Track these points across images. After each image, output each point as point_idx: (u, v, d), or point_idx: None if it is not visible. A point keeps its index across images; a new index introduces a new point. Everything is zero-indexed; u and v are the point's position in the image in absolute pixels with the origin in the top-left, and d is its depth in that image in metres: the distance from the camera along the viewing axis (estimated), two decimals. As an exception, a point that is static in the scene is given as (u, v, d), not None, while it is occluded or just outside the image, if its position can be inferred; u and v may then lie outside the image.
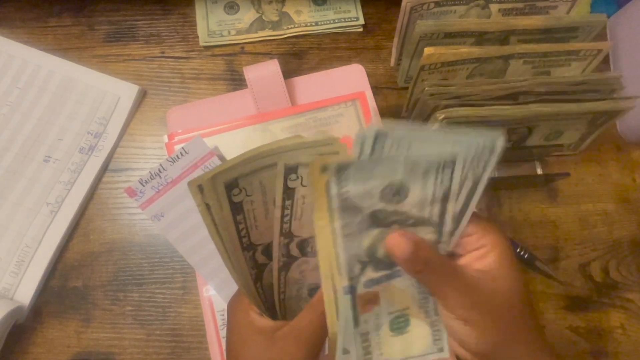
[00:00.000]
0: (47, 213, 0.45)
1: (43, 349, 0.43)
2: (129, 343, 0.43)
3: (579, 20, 0.42)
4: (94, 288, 0.44)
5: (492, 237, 0.27)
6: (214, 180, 0.25)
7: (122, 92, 0.49)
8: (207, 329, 0.42)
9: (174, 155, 0.44)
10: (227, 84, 0.51)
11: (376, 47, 0.52)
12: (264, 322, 0.31)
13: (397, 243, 0.25)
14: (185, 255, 0.43)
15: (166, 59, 0.51)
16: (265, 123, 0.47)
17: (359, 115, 0.47)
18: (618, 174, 0.49)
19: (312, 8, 0.53)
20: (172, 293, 0.44)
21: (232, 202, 0.26)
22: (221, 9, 0.53)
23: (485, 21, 0.42)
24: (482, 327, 0.26)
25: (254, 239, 0.29)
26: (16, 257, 0.43)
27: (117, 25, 0.52)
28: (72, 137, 0.47)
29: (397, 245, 0.25)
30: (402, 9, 0.43)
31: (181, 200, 0.43)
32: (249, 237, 0.28)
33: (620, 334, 0.45)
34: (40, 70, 0.49)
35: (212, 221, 0.26)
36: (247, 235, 0.28)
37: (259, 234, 0.29)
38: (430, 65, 0.41)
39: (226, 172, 0.25)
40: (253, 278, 0.29)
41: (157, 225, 0.43)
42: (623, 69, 0.51)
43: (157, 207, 0.43)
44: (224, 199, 0.26)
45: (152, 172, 0.43)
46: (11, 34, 0.51)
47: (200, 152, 0.44)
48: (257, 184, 0.27)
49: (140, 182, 0.43)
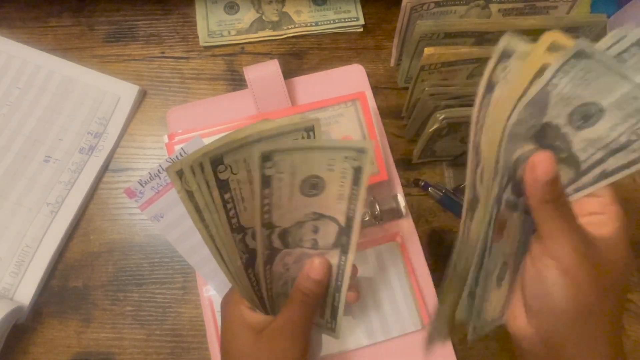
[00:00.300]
0: (47, 213, 0.45)
1: (43, 349, 0.43)
2: (129, 343, 0.43)
3: (579, 20, 0.42)
4: (94, 288, 0.44)
5: (617, 208, 0.26)
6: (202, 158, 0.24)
7: (122, 92, 0.49)
8: (207, 329, 0.42)
9: (174, 156, 0.44)
10: (227, 84, 0.51)
11: (376, 47, 0.52)
12: (254, 317, 0.31)
13: (542, 161, 0.23)
14: (185, 256, 0.43)
15: (166, 59, 0.51)
16: (265, 123, 0.46)
17: (359, 116, 0.47)
18: (618, 174, 0.49)
19: (312, 8, 0.53)
20: (172, 293, 0.44)
21: (218, 179, 0.26)
22: (221, 9, 0.53)
23: (485, 21, 0.42)
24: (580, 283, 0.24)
25: (243, 222, 0.28)
26: (16, 257, 0.43)
27: (117, 25, 0.52)
28: (72, 137, 0.47)
29: (542, 163, 0.23)
30: (402, 9, 0.43)
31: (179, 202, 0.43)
32: (238, 219, 0.28)
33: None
34: (40, 70, 0.49)
35: (195, 207, 0.26)
36: (236, 216, 0.28)
37: (247, 216, 0.28)
38: (430, 65, 0.41)
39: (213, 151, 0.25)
40: (244, 263, 0.29)
41: (156, 225, 0.43)
42: (623, 69, 0.51)
43: (157, 208, 0.43)
44: (211, 177, 0.25)
45: (151, 172, 0.43)
46: (11, 34, 0.51)
47: None
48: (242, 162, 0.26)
49: (140, 182, 0.43)
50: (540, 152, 0.23)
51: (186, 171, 0.25)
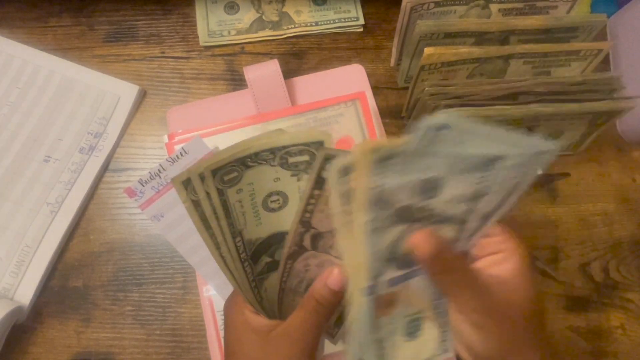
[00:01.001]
0: (47, 213, 0.45)
1: (43, 349, 0.43)
2: (129, 343, 0.43)
3: (579, 20, 0.42)
4: (94, 288, 0.44)
5: (512, 243, 0.27)
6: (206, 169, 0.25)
7: (122, 92, 0.49)
8: (207, 329, 0.42)
9: (174, 156, 0.44)
10: (227, 84, 0.51)
11: (376, 47, 0.52)
12: (258, 320, 0.31)
13: (420, 242, 0.25)
14: (185, 256, 0.43)
15: (166, 59, 0.51)
16: (265, 123, 0.47)
17: (359, 115, 0.47)
18: (618, 174, 0.49)
19: (312, 8, 0.53)
20: (172, 293, 0.44)
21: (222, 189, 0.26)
22: (221, 9, 0.53)
23: (485, 21, 0.42)
24: (491, 333, 0.26)
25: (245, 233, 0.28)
26: (16, 257, 0.43)
27: (117, 25, 0.52)
28: (72, 137, 0.47)
29: (420, 244, 0.24)
30: (402, 9, 0.43)
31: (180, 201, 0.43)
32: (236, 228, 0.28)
33: (620, 334, 0.45)
34: (40, 70, 0.49)
35: (200, 216, 0.26)
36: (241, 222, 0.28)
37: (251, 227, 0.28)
38: (430, 65, 0.41)
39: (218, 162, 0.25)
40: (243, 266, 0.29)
41: (156, 225, 0.43)
42: (623, 69, 0.51)
43: (157, 208, 0.43)
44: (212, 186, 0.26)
45: (151, 172, 0.43)
46: (11, 34, 0.51)
47: (200, 152, 0.44)
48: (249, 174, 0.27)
49: (140, 182, 0.43)
50: (416, 234, 0.24)
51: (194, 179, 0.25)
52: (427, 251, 0.24)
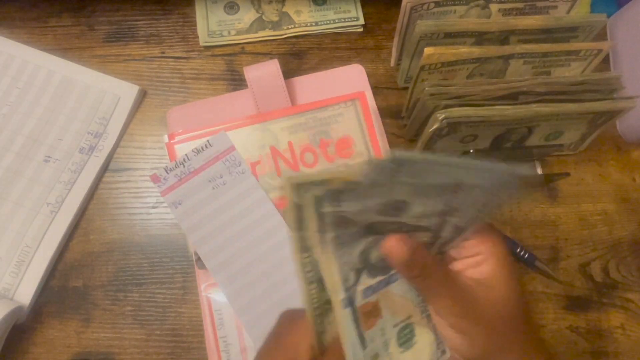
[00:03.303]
0: (47, 213, 0.45)
1: (43, 349, 0.43)
2: (129, 343, 0.43)
3: (579, 20, 0.42)
4: (94, 288, 0.44)
5: (489, 245, 0.27)
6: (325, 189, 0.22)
7: (122, 92, 0.49)
8: (205, 329, 0.42)
9: (199, 147, 0.45)
10: (227, 84, 0.51)
11: (376, 47, 0.52)
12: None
13: (393, 247, 0.24)
14: (195, 245, 0.43)
15: (166, 59, 0.51)
16: (265, 123, 0.47)
17: (359, 115, 0.47)
18: (618, 174, 0.49)
19: (312, 8, 0.53)
20: (172, 293, 0.44)
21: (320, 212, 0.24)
22: (221, 9, 0.53)
23: (485, 21, 0.42)
24: (473, 336, 0.26)
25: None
26: (16, 257, 0.43)
27: (117, 25, 0.52)
28: (72, 137, 0.47)
29: (394, 249, 0.24)
30: (402, 9, 0.43)
31: (198, 190, 0.44)
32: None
33: (620, 334, 0.45)
34: (40, 70, 0.49)
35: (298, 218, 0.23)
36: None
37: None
38: (430, 65, 0.41)
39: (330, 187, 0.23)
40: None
41: (174, 212, 0.44)
42: (623, 69, 0.51)
43: (177, 195, 0.44)
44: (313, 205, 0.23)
45: (177, 161, 0.44)
46: (11, 34, 0.51)
47: (222, 145, 0.45)
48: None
49: (165, 169, 0.44)
50: (390, 238, 0.24)
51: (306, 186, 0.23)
52: (400, 255, 0.24)
